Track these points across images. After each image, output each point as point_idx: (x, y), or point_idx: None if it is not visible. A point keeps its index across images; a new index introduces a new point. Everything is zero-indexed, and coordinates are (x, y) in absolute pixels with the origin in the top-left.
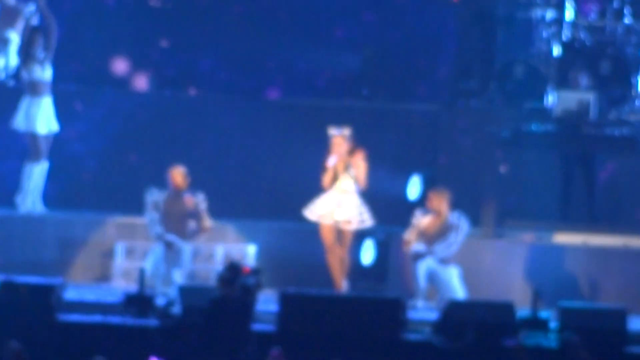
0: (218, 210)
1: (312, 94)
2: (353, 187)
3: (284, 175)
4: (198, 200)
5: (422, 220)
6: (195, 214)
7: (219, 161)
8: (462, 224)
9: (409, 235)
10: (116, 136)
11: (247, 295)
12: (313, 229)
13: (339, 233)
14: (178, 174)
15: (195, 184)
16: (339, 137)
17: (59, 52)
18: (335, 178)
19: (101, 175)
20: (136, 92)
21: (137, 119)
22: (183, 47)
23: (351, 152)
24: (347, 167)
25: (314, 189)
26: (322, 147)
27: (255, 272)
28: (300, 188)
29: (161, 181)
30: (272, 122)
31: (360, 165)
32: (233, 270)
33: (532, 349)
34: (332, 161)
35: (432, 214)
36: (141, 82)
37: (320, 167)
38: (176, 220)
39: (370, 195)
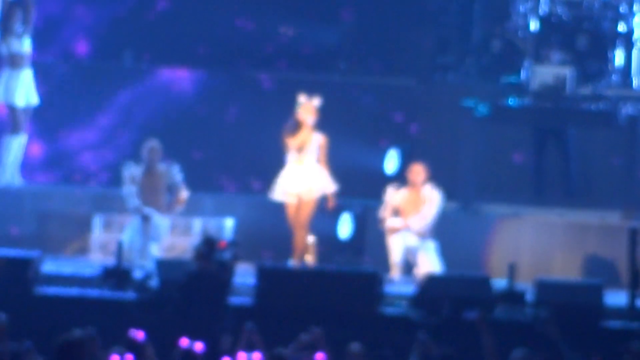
0: (196, 184)
1: (290, 67)
2: (314, 161)
3: (261, 147)
4: (173, 172)
5: (394, 196)
6: (171, 187)
7: (196, 134)
8: (434, 195)
9: (383, 212)
10: (94, 109)
11: (224, 270)
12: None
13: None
14: (153, 148)
15: (171, 157)
16: (309, 104)
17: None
18: (294, 145)
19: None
20: (115, 66)
21: (117, 92)
22: (165, 22)
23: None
24: (312, 140)
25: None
26: None
27: (232, 244)
28: (277, 160)
29: (137, 154)
30: (250, 94)
31: (324, 147)
32: (209, 244)
33: (501, 322)
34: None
35: (407, 188)
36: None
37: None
38: (152, 193)
39: (347, 169)
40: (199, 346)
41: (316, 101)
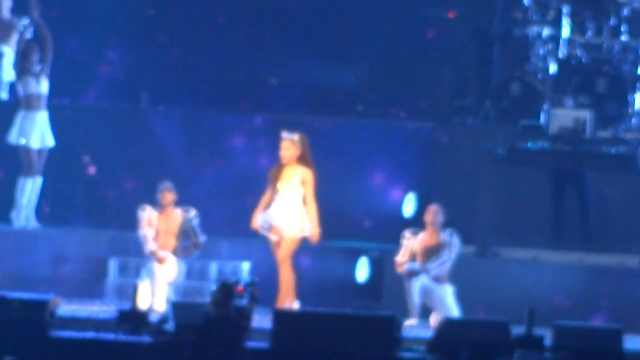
0: (211, 228)
1: (308, 110)
2: (297, 198)
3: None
4: (190, 217)
5: (412, 241)
6: (187, 231)
7: (212, 178)
8: (454, 241)
9: (400, 257)
10: (106, 152)
11: (241, 315)
12: (306, 246)
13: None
14: (167, 191)
15: (187, 201)
16: (287, 141)
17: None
18: (279, 183)
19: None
20: (128, 108)
21: (129, 135)
22: (172, 64)
23: (302, 159)
24: (294, 176)
25: (327, 207)
26: (320, 163)
27: (250, 285)
28: None
29: (152, 198)
30: (269, 138)
31: (308, 183)
32: (225, 291)
33: None
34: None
35: (424, 231)
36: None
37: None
38: (168, 237)
39: (365, 212)
40: None
41: (296, 136)
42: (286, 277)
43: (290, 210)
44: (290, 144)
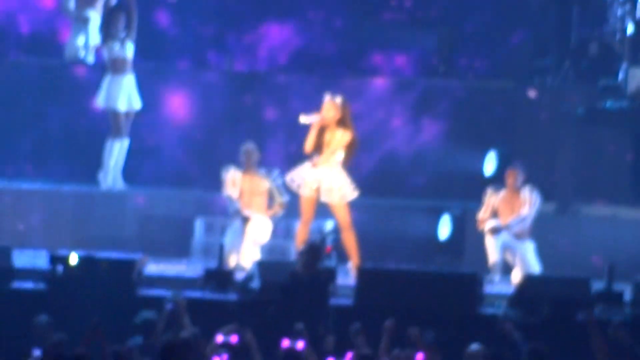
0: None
1: (391, 72)
2: (337, 162)
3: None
4: (273, 177)
5: (494, 198)
6: (271, 190)
7: (286, 138)
8: (534, 198)
9: (482, 214)
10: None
11: (328, 275)
12: (390, 203)
13: (331, 207)
14: (250, 152)
15: (271, 161)
16: (330, 102)
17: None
18: (319, 146)
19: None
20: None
21: (207, 97)
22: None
23: (342, 123)
24: (335, 140)
25: (410, 166)
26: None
27: (335, 245)
28: (382, 165)
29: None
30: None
31: (349, 147)
32: (314, 252)
33: (605, 322)
34: (308, 119)
35: (505, 190)
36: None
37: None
38: (252, 196)
39: (447, 172)
40: (300, 345)
41: (338, 99)
42: (353, 240)
43: (337, 173)
44: (332, 106)
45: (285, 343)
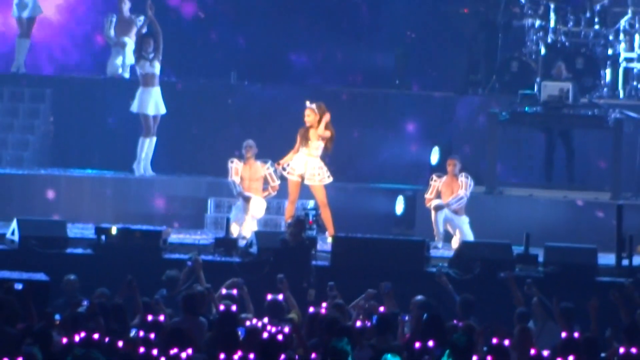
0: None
1: (370, 83)
2: (318, 152)
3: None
4: (267, 166)
5: (438, 182)
6: (266, 177)
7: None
8: (469, 182)
9: (428, 195)
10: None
11: (310, 242)
12: (359, 187)
13: (312, 189)
14: (249, 146)
15: (265, 154)
16: (308, 109)
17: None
18: (305, 141)
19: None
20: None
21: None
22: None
23: (320, 122)
24: (316, 137)
25: (372, 158)
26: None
27: (316, 219)
28: (352, 156)
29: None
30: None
31: (327, 134)
32: (300, 224)
33: (522, 278)
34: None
35: (446, 176)
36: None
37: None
38: (252, 182)
39: (401, 162)
40: (280, 296)
41: (313, 105)
42: (328, 215)
43: (317, 162)
44: (310, 112)
45: (269, 297)
